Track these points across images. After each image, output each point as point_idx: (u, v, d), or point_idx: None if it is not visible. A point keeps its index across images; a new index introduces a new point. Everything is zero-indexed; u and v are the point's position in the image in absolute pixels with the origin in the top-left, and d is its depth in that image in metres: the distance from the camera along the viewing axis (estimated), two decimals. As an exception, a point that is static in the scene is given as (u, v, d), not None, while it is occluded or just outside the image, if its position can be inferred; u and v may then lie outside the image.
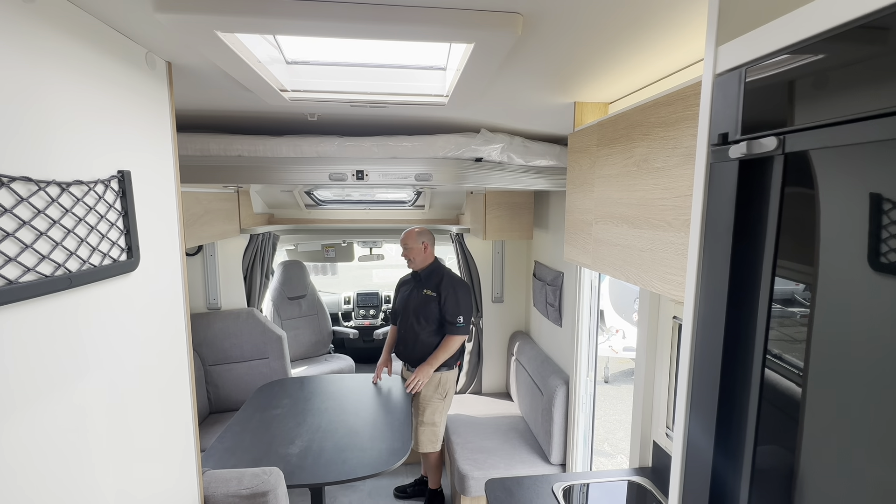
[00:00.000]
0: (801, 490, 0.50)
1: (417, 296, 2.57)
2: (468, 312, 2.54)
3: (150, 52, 1.05)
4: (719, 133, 0.58)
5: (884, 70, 0.40)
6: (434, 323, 2.53)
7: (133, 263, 0.96)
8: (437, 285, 2.52)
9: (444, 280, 2.53)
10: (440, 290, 2.50)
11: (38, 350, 0.72)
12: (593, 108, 1.59)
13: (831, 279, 0.45)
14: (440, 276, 2.55)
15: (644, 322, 1.72)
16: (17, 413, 0.68)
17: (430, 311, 2.52)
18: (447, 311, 2.49)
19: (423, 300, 2.54)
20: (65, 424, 0.78)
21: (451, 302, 2.49)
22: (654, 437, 1.71)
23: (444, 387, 2.55)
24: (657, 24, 0.95)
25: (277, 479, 1.50)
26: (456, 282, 2.56)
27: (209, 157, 1.80)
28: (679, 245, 0.95)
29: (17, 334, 0.68)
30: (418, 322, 2.54)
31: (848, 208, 0.43)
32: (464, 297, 2.53)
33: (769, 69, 0.52)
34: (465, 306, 2.52)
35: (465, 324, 2.50)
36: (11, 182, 0.66)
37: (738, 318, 0.56)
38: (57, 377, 0.76)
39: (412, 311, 2.56)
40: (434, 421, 2.54)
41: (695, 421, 0.65)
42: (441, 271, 2.58)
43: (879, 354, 0.41)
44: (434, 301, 2.51)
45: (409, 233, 2.58)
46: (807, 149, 0.46)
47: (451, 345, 2.49)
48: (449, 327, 2.50)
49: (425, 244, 2.57)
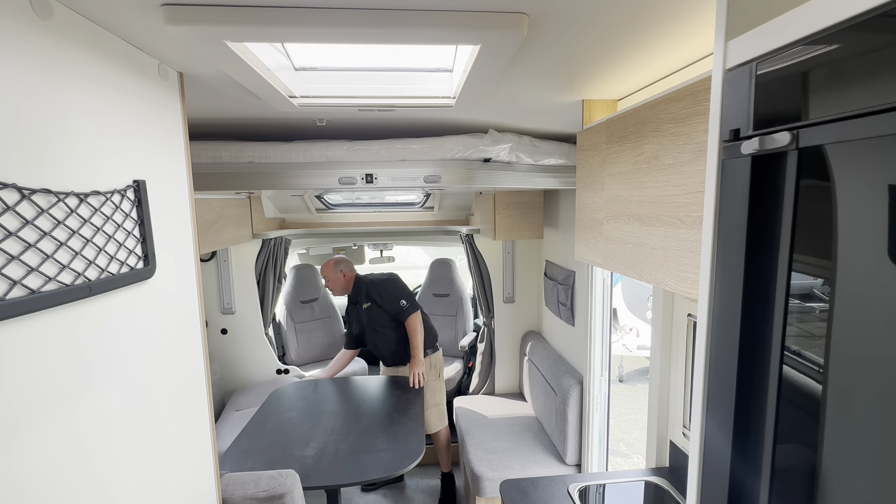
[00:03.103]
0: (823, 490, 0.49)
1: (363, 312, 2.78)
2: (406, 293, 2.73)
3: (163, 63, 1.07)
4: (731, 129, 0.57)
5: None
6: (388, 323, 2.75)
7: (149, 271, 0.97)
8: (368, 294, 2.74)
9: (370, 287, 2.74)
10: (372, 296, 2.73)
11: (61, 357, 0.74)
12: (602, 106, 1.58)
13: (851, 274, 0.45)
14: (365, 286, 2.76)
15: (658, 320, 1.70)
16: (44, 418, 0.70)
17: (379, 317, 2.74)
18: (389, 306, 2.69)
19: (368, 313, 2.76)
20: (88, 429, 0.80)
21: (386, 298, 2.70)
22: (671, 436, 1.69)
23: (436, 367, 2.81)
24: (665, 20, 0.94)
25: (294, 481, 1.51)
26: (378, 282, 2.75)
27: (221, 165, 1.83)
28: (692, 242, 0.93)
29: (41, 342, 0.70)
30: (376, 331, 2.77)
31: (867, 201, 0.42)
32: (393, 286, 2.73)
33: (781, 63, 0.51)
34: (398, 291, 2.72)
35: (409, 303, 2.70)
36: (32, 194, 0.68)
37: (753, 315, 0.55)
38: (79, 383, 0.78)
39: (367, 326, 2.79)
40: (437, 401, 2.78)
41: (711, 420, 0.64)
42: (363, 282, 2.78)
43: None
44: (375, 307, 2.73)
45: (326, 265, 2.77)
46: (822, 143, 0.46)
47: (414, 326, 2.67)
48: (401, 315, 2.69)
49: (343, 272, 2.78)
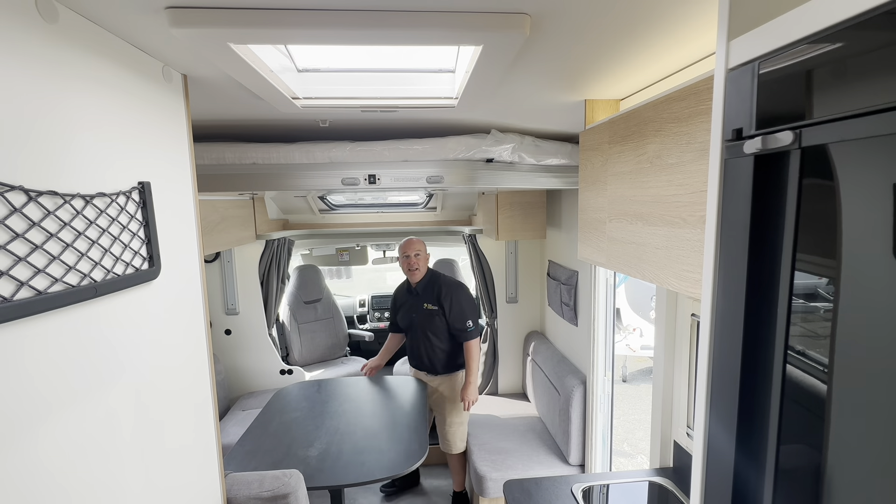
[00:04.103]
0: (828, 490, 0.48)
1: (421, 312, 2.54)
2: (474, 313, 2.53)
3: (167, 65, 1.08)
4: (733, 128, 0.57)
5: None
6: (443, 334, 2.54)
7: (154, 272, 0.98)
8: (438, 297, 2.49)
9: (442, 290, 2.49)
10: (441, 301, 2.48)
11: (66, 357, 0.74)
12: (604, 106, 1.58)
13: (856, 273, 0.44)
14: (437, 286, 2.52)
15: (661, 320, 1.70)
16: (50, 418, 0.71)
17: (437, 325, 2.51)
18: (455, 320, 2.47)
19: (427, 316, 2.52)
20: (95, 428, 0.80)
21: (455, 311, 2.47)
22: (675, 436, 1.68)
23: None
24: (667, 19, 0.94)
25: (298, 481, 1.52)
26: (453, 287, 2.52)
27: (225, 166, 1.84)
28: (695, 242, 0.93)
29: (47, 343, 0.71)
30: (427, 338, 2.54)
31: (871, 200, 0.42)
32: (466, 301, 2.51)
33: (783, 62, 0.51)
34: (469, 309, 2.51)
35: (475, 326, 2.49)
36: (39, 196, 0.69)
37: (757, 314, 0.55)
38: (85, 383, 0.78)
39: (419, 327, 2.56)
40: (463, 419, 2.61)
41: (715, 420, 0.64)
42: (437, 281, 2.54)
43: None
44: (438, 314, 2.51)
45: (415, 240, 2.55)
46: (825, 142, 0.45)
47: (473, 352, 2.49)
48: (462, 335, 2.49)
49: (427, 253, 2.57)
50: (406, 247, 2.55)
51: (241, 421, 2.75)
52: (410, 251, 2.53)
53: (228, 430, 2.64)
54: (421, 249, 2.54)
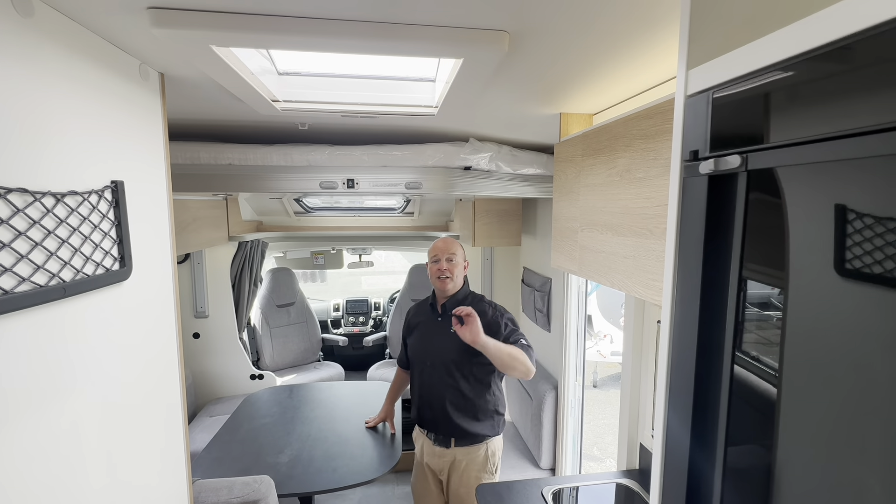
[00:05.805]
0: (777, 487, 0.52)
1: (447, 337, 1.70)
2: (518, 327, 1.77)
3: (144, 63, 1.07)
4: (690, 150, 0.62)
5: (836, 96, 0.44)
6: (476, 375, 1.72)
7: (126, 272, 0.96)
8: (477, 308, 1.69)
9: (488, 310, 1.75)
10: (489, 322, 1.69)
11: (32, 359, 0.72)
12: (578, 119, 1.64)
13: (801, 284, 0.48)
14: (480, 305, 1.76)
15: (629, 327, 1.76)
16: (15, 420, 0.69)
17: (469, 360, 1.69)
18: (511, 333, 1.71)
19: (456, 344, 1.65)
20: (58, 432, 0.78)
21: (511, 328, 1.72)
22: (641, 439, 1.75)
23: (493, 460, 1.81)
24: (634, 43, 0.99)
25: (268, 487, 1.49)
26: (497, 306, 1.80)
27: (200, 166, 1.81)
28: (660, 252, 0.98)
29: (13, 344, 0.69)
30: (450, 376, 1.71)
31: (815, 219, 0.46)
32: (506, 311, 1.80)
33: (734, 92, 0.56)
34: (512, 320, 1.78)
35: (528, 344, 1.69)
36: (8, 193, 0.67)
37: (710, 321, 0.60)
38: (52, 385, 0.76)
39: (439, 361, 1.74)
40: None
41: (673, 420, 0.68)
42: (480, 301, 1.82)
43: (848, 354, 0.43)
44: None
45: (451, 240, 1.83)
46: (768, 166, 0.50)
47: (519, 356, 1.59)
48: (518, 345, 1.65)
49: (466, 261, 1.85)
50: (441, 248, 1.80)
51: (209, 427, 2.67)
52: (442, 253, 1.78)
53: (195, 437, 2.57)
54: (457, 252, 1.80)
